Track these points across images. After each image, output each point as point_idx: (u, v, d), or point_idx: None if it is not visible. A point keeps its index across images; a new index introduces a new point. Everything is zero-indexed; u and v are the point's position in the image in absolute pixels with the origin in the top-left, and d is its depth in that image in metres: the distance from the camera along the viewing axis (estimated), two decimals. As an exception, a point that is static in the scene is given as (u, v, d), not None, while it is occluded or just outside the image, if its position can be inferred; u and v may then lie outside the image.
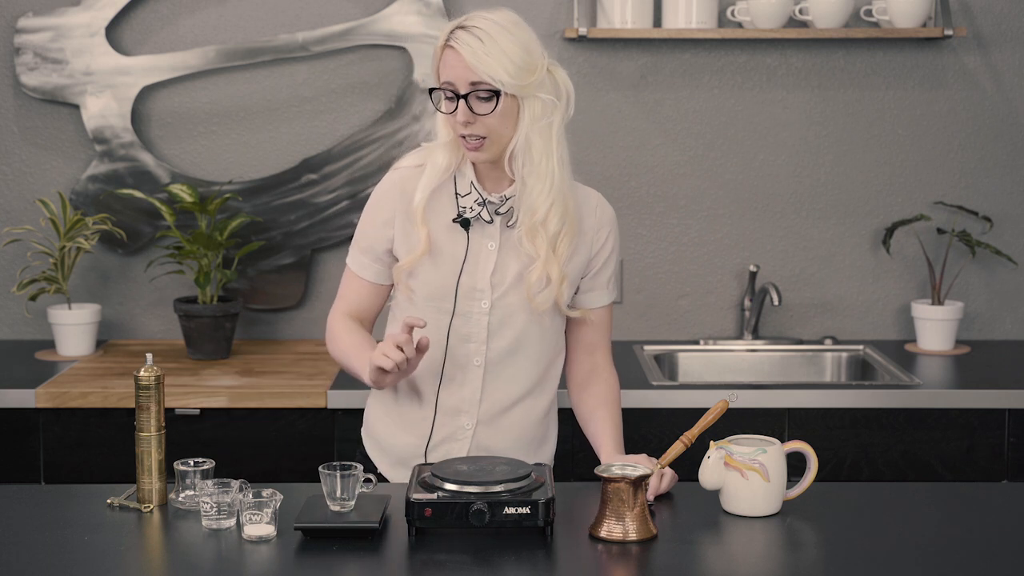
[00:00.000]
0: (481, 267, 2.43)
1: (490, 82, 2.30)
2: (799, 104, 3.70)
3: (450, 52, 2.33)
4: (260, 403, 3.16)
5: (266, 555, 2.08)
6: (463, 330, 2.45)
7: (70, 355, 3.51)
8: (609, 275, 2.53)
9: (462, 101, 2.32)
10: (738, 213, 3.73)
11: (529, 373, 2.49)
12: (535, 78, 2.33)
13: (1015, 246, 3.75)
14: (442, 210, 2.44)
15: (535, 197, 2.37)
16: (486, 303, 2.44)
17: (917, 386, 3.23)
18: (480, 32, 2.30)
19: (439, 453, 2.49)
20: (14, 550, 2.10)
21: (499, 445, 2.50)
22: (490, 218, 2.42)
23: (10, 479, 3.13)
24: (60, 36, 3.59)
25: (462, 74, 2.31)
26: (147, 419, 2.29)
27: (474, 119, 2.32)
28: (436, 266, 2.44)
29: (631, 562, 2.07)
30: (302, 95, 3.67)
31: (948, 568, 2.05)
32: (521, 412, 2.51)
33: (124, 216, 3.65)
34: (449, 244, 2.43)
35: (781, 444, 2.27)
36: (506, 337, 2.46)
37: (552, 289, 2.42)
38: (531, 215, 2.38)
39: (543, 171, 2.36)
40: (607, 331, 2.58)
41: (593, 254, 2.50)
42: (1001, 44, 3.67)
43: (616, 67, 3.66)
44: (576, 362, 2.58)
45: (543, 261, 2.40)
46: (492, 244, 2.44)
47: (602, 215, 2.51)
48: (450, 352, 2.45)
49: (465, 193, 2.43)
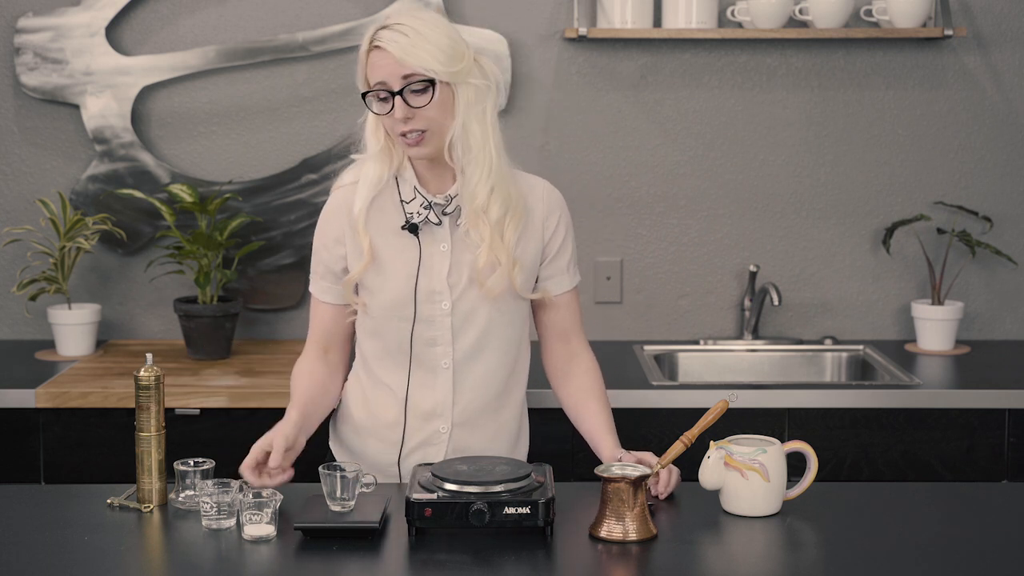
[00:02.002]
0: (436, 270, 2.44)
1: (423, 71, 2.32)
2: (799, 104, 3.70)
3: (377, 52, 2.35)
4: (260, 403, 3.16)
5: (266, 555, 2.08)
6: (427, 335, 2.45)
7: (70, 355, 3.51)
8: (567, 259, 2.54)
9: (398, 98, 2.34)
10: (738, 213, 3.73)
11: (498, 367, 2.50)
12: (464, 64, 2.36)
13: (1015, 246, 3.75)
14: (388, 219, 2.45)
15: (475, 184, 2.39)
16: (446, 304, 2.44)
17: (917, 386, 3.23)
18: (404, 28, 2.33)
19: (415, 459, 2.49)
20: (14, 550, 2.10)
21: (476, 446, 2.50)
22: (438, 220, 2.43)
23: (10, 479, 3.13)
24: (60, 36, 3.59)
25: (393, 70, 2.33)
26: (147, 419, 2.30)
27: (412, 113, 2.34)
28: (389, 276, 2.44)
29: (631, 562, 2.07)
30: (302, 95, 3.67)
31: (948, 568, 2.05)
32: (495, 410, 2.51)
33: (124, 216, 3.65)
34: (401, 252, 2.44)
35: (781, 444, 2.27)
36: (470, 335, 2.46)
37: (503, 272, 2.42)
38: (472, 201, 2.40)
39: (481, 157, 2.39)
40: (577, 315, 2.58)
41: (546, 241, 2.51)
42: (1001, 44, 3.67)
43: (616, 67, 3.66)
44: (552, 352, 2.58)
45: (488, 245, 2.41)
46: (444, 245, 2.44)
47: (550, 201, 2.52)
48: (416, 359, 2.46)
49: (410, 199, 2.44)
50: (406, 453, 2.49)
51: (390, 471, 2.50)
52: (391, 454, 2.50)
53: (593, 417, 2.52)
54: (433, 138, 2.37)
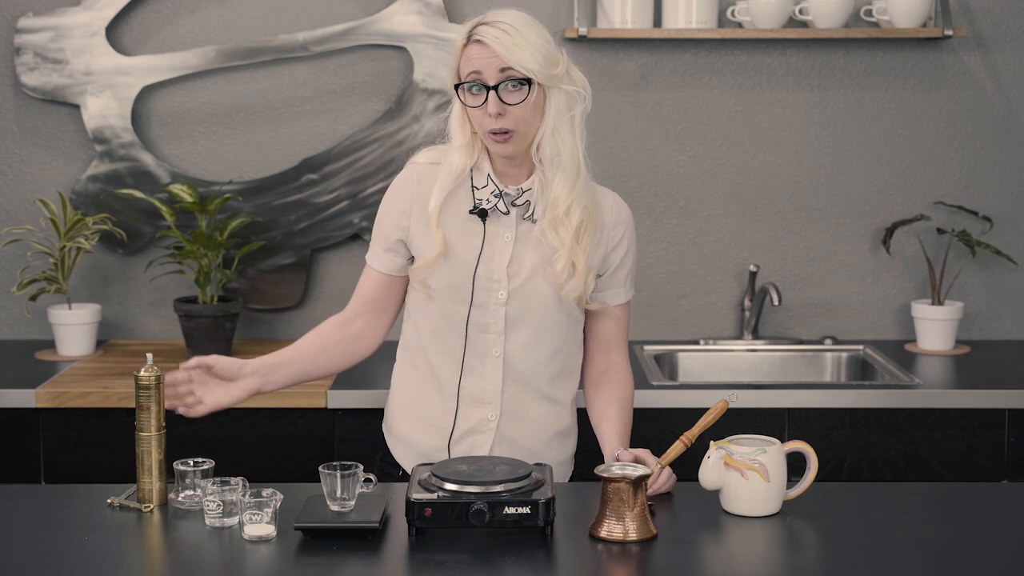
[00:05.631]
0: (497, 258, 2.46)
1: (521, 70, 2.34)
2: (799, 104, 3.70)
3: (476, 46, 2.36)
4: (260, 403, 3.15)
5: (266, 555, 2.08)
6: (480, 320, 2.47)
7: (70, 355, 3.51)
8: (626, 273, 2.56)
9: (492, 92, 2.34)
10: (738, 213, 3.73)
11: (549, 366, 2.51)
12: (559, 69, 2.38)
13: (1015, 246, 3.75)
14: (458, 204, 2.47)
15: (559, 191, 2.41)
16: (503, 294, 2.46)
17: (917, 386, 3.23)
18: (505, 26, 2.35)
19: (463, 447, 2.50)
20: (14, 550, 2.10)
21: (523, 438, 2.51)
22: (506, 209, 2.45)
23: (10, 479, 3.13)
24: (60, 36, 3.59)
25: (491, 63, 2.34)
26: (147, 419, 2.30)
27: (504, 110, 2.36)
28: (452, 262, 2.46)
29: (631, 562, 2.07)
30: (302, 95, 3.67)
31: (948, 568, 2.05)
32: (544, 405, 2.52)
33: (124, 216, 3.65)
34: (465, 237, 2.46)
35: (781, 444, 2.27)
36: (524, 329, 2.48)
37: (579, 278, 2.44)
38: (554, 208, 2.42)
39: (569, 164, 2.40)
40: (624, 330, 2.60)
41: (609, 251, 2.52)
42: (1001, 44, 3.67)
43: (616, 67, 3.66)
44: (592, 361, 2.60)
45: (568, 249, 2.43)
46: (508, 235, 2.46)
47: (618, 213, 2.54)
48: (469, 343, 2.48)
49: (482, 186, 2.46)
50: (456, 439, 2.50)
51: (440, 457, 2.51)
52: (441, 439, 2.51)
53: (609, 421, 2.53)
54: (519, 138, 2.39)
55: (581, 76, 2.43)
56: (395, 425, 2.59)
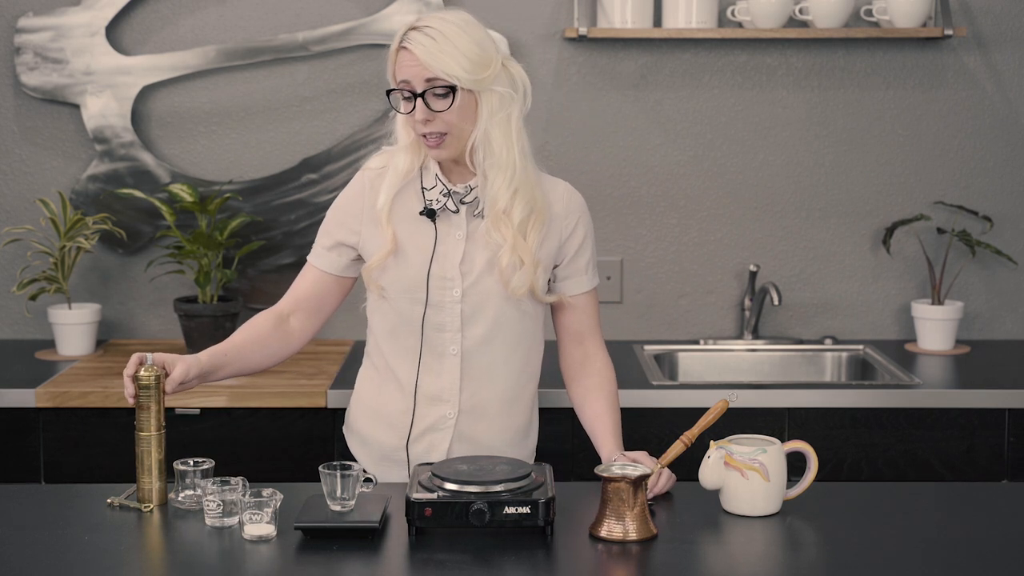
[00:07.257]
0: (450, 256, 2.47)
1: (445, 78, 2.35)
2: (799, 104, 3.70)
3: (404, 53, 2.38)
4: (260, 403, 3.16)
5: (266, 555, 2.08)
6: (436, 319, 2.48)
7: (70, 355, 3.51)
8: (586, 261, 2.56)
9: (419, 99, 2.37)
10: (738, 213, 3.73)
11: (508, 362, 2.52)
12: (490, 72, 2.38)
13: (1015, 246, 3.75)
14: (407, 205, 2.48)
15: (497, 189, 2.42)
16: (457, 291, 2.47)
17: (917, 386, 3.23)
18: (432, 31, 2.35)
19: (422, 445, 2.51)
20: (14, 550, 2.10)
21: (482, 436, 2.52)
22: (456, 208, 2.47)
23: (10, 479, 3.14)
24: (60, 36, 3.59)
25: (417, 72, 2.36)
26: (147, 419, 2.30)
27: (432, 116, 2.37)
28: (405, 262, 2.48)
29: (631, 562, 2.07)
30: (302, 95, 3.67)
31: (948, 568, 2.05)
32: (503, 402, 2.53)
33: (124, 216, 3.65)
34: (417, 237, 2.48)
35: (781, 444, 2.27)
36: (480, 325, 2.49)
37: (526, 272, 2.45)
38: (493, 206, 2.43)
39: (504, 163, 2.41)
40: (594, 318, 2.59)
41: (563, 241, 2.52)
42: (1001, 44, 3.67)
43: (616, 67, 3.66)
44: (567, 354, 2.60)
45: (511, 246, 2.44)
46: (459, 233, 2.47)
47: (569, 202, 2.54)
48: (426, 342, 2.49)
49: (431, 186, 2.48)
50: (414, 437, 2.51)
51: (398, 456, 2.52)
52: (399, 438, 2.52)
53: (597, 418, 2.53)
54: (453, 141, 2.41)
55: (521, 73, 2.44)
56: (355, 424, 2.62)
